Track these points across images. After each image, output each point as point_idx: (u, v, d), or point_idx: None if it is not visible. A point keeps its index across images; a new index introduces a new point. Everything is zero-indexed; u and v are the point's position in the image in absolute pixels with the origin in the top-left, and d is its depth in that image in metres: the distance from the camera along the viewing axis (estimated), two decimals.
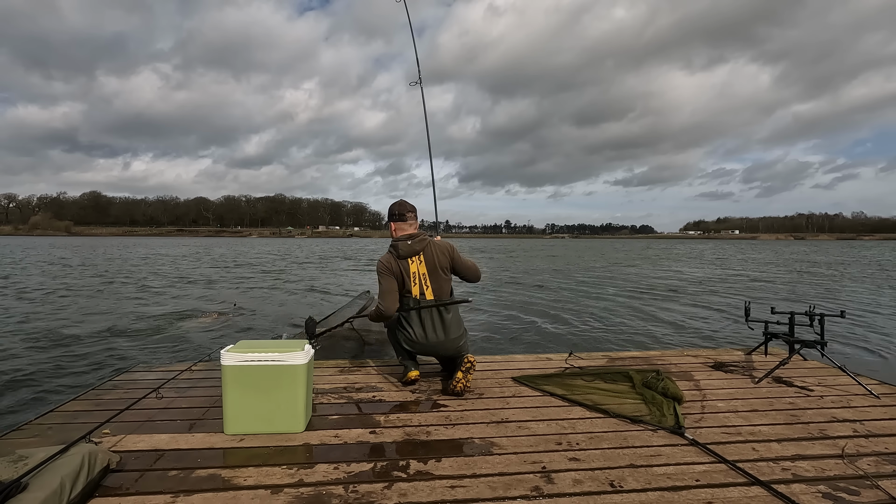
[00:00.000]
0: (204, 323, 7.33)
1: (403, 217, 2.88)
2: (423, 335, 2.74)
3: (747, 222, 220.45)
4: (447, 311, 2.79)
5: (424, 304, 2.76)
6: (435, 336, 2.75)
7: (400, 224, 2.87)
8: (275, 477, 1.74)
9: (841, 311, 3.19)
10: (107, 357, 5.24)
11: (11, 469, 1.42)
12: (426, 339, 2.75)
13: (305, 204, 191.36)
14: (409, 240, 2.78)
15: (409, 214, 2.89)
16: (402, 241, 2.78)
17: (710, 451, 1.93)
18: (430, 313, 2.76)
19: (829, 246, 68.80)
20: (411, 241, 2.77)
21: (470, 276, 2.92)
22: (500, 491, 1.65)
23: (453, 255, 2.86)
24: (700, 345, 6.07)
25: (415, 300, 2.76)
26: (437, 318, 2.77)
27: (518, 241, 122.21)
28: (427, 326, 2.75)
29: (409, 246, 2.76)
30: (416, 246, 2.77)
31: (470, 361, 2.66)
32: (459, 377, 2.60)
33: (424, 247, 2.79)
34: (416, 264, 2.78)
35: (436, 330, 2.75)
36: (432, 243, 2.82)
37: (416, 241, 2.78)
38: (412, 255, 2.77)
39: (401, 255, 2.76)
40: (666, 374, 2.87)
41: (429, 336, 2.74)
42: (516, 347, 5.90)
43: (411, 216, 2.89)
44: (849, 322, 7.39)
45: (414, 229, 2.88)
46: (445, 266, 2.81)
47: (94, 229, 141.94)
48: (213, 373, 3.01)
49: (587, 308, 9.15)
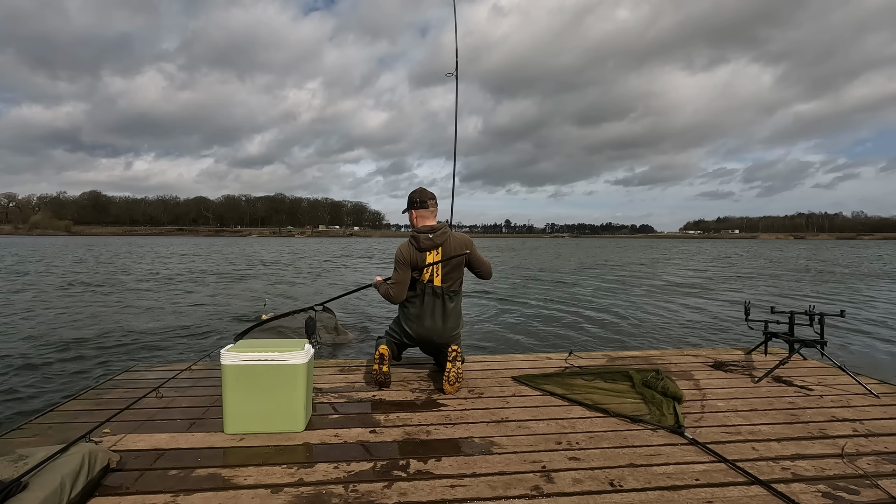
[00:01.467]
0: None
1: (425, 204, 2.87)
2: (430, 320, 2.80)
3: (747, 222, 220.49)
4: (451, 300, 2.84)
5: (431, 288, 2.80)
6: (439, 323, 2.81)
7: (421, 212, 2.88)
8: (275, 476, 1.74)
9: (841, 311, 3.18)
10: (107, 356, 5.24)
11: (12, 468, 1.43)
12: (431, 324, 2.80)
13: (305, 203, 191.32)
14: (431, 233, 2.79)
15: (430, 202, 2.89)
16: (423, 234, 2.79)
17: (710, 451, 1.93)
18: (434, 298, 2.80)
19: (829, 245, 68.77)
20: (433, 235, 2.79)
21: (483, 271, 2.95)
22: (499, 490, 1.65)
23: (471, 249, 2.87)
24: (700, 344, 6.08)
25: (422, 283, 2.80)
26: (440, 305, 2.82)
27: (521, 240, 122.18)
28: (431, 311, 2.80)
29: (430, 240, 2.78)
30: (437, 240, 2.80)
31: (455, 350, 2.70)
32: (450, 367, 2.65)
33: (444, 240, 2.81)
34: (433, 256, 2.81)
35: (435, 316, 2.81)
36: (452, 236, 2.85)
37: (438, 235, 2.80)
38: (432, 248, 2.80)
39: (421, 247, 2.79)
40: (666, 373, 2.87)
41: (434, 321, 2.80)
42: (516, 347, 5.90)
43: (432, 203, 2.90)
44: (849, 321, 7.39)
45: (435, 217, 2.91)
46: (458, 259, 2.83)
47: (93, 229, 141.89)
48: (213, 372, 3.01)
49: (587, 307, 9.15)
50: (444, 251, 2.81)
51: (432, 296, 2.81)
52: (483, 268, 2.94)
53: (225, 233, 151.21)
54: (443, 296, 2.82)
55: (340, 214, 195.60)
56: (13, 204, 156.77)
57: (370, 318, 7.56)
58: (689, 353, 3.61)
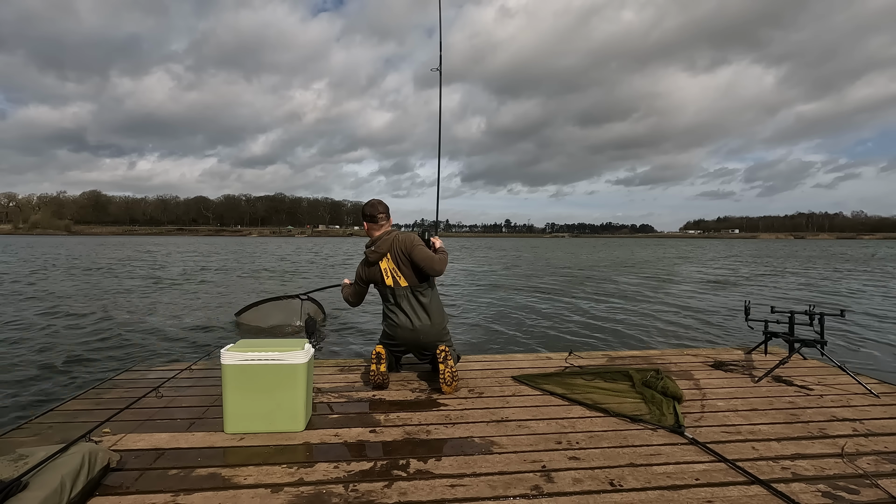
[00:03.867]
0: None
1: (374, 218, 2.92)
2: (408, 321, 2.81)
3: (747, 221, 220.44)
4: (423, 295, 2.85)
5: (399, 290, 2.83)
6: (419, 321, 2.81)
7: (371, 225, 2.93)
8: (275, 476, 1.74)
9: (841, 311, 3.18)
10: (107, 356, 5.24)
11: (12, 468, 1.43)
12: (411, 324, 2.81)
13: (305, 203, 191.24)
14: (373, 245, 2.86)
15: (380, 216, 2.92)
16: (368, 250, 2.88)
17: (710, 451, 1.93)
18: (406, 299, 2.83)
19: (829, 245, 68.82)
20: (374, 247, 2.85)
21: (426, 266, 2.80)
22: (499, 490, 1.65)
23: (412, 248, 2.82)
24: (700, 344, 6.08)
25: (389, 288, 2.85)
26: (416, 302, 2.84)
27: (524, 240, 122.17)
28: (408, 311, 2.82)
29: (374, 252, 2.85)
30: (380, 249, 2.84)
31: (444, 350, 2.72)
32: (443, 368, 2.66)
33: (389, 247, 2.84)
34: (386, 262, 2.85)
35: (417, 314, 2.82)
36: (396, 240, 2.86)
37: (380, 244, 2.84)
38: (380, 258, 2.85)
39: (370, 262, 2.88)
40: (666, 373, 2.88)
41: (413, 321, 2.81)
42: (516, 346, 5.90)
43: (382, 217, 2.92)
44: (849, 321, 7.39)
45: (385, 228, 2.93)
46: (405, 260, 2.84)
47: (93, 228, 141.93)
48: (213, 372, 3.01)
49: (587, 307, 9.15)
50: (392, 255, 2.84)
51: (403, 298, 2.83)
52: (425, 262, 2.79)
53: (225, 232, 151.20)
54: (413, 293, 2.83)
55: (340, 214, 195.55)
56: (13, 203, 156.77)
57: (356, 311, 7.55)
58: (688, 353, 3.61)
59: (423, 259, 2.86)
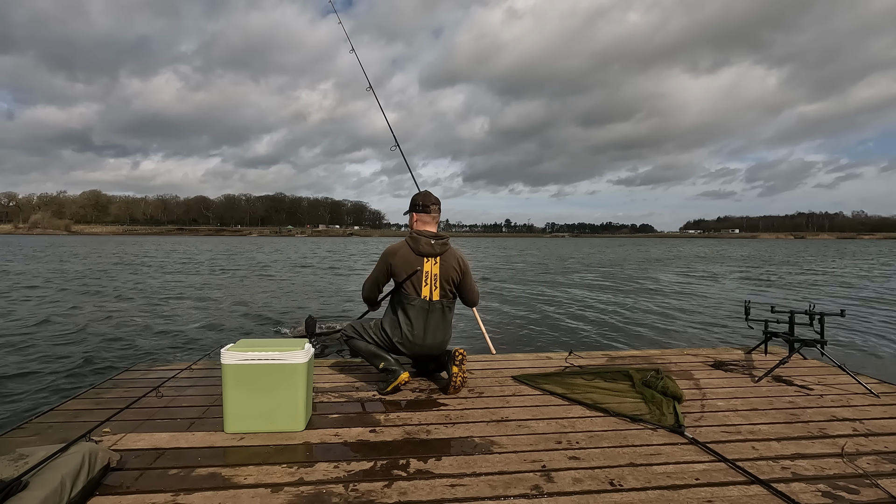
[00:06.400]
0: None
1: (428, 209, 2.74)
2: (423, 335, 2.67)
3: (748, 221, 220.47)
4: (450, 310, 2.75)
5: (427, 303, 2.66)
6: (433, 338, 2.70)
7: (423, 216, 2.75)
8: (275, 475, 1.74)
9: (841, 310, 3.18)
10: (107, 356, 5.24)
11: (12, 467, 1.42)
12: (424, 339, 2.68)
13: (306, 203, 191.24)
14: (434, 239, 2.67)
15: (433, 207, 2.76)
16: (425, 238, 2.66)
17: (710, 450, 1.93)
18: (431, 313, 2.67)
19: (829, 245, 68.73)
20: (435, 242, 2.66)
21: (470, 297, 2.82)
22: (499, 490, 1.65)
23: (466, 272, 2.75)
24: (700, 344, 6.08)
25: (423, 300, 2.65)
26: (441, 319, 2.71)
27: (525, 240, 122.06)
28: (427, 326, 2.67)
29: (431, 246, 2.65)
30: (438, 249, 2.66)
31: (462, 353, 2.61)
32: (456, 371, 2.58)
33: (444, 252, 2.69)
34: (431, 265, 2.66)
35: (435, 331, 2.70)
36: (452, 251, 2.73)
37: (440, 244, 2.67)
38: (431, 256, 2.66)
39: (420, 251, 2.64)
40: (666, 372, 2.88)
41: (427, 337, 2.68)
42: (516, 346, 5.90)
43: (435, 209, 2.76)
44: (849, 321, 7.39)
45: (436, 224, 2.78)
46: (455, 278, 2.71)
47: (93, 228, 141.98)
48: (213, 371, 3.01)
49: (588, 307, 9.15)
50: (442, 262, 2.66)
51: (427, 312, 2.66)
52: (470, 294, 2.80)
53: (225, 232, 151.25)
54: (443, 309, 2.70)
55: (340, 214, 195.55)
56: (13, 203, 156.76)
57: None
58: (688, 353, 3.61)
59: (471, 288, 2.78)
